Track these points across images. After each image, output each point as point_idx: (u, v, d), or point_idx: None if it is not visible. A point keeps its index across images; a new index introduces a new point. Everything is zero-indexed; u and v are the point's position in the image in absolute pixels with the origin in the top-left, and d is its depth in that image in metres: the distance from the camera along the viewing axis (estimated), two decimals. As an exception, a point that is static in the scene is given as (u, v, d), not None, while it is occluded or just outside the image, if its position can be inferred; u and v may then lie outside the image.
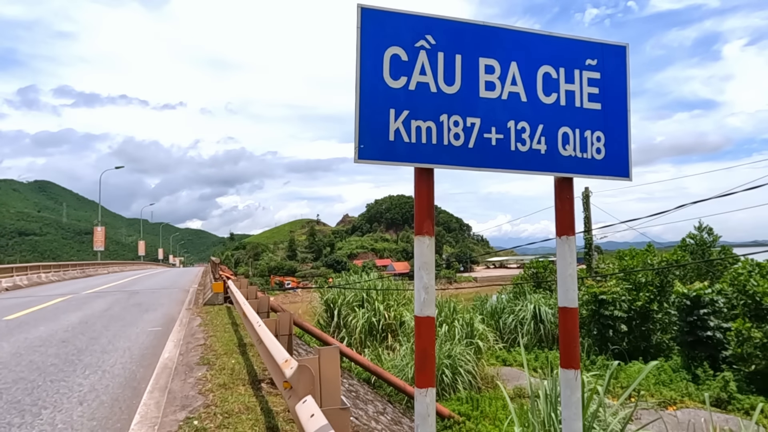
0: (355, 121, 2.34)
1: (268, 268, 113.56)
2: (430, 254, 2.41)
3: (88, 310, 12.80)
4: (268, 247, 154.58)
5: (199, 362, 6.81)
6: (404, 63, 2.42)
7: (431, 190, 2.46)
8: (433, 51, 2.47)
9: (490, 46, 2.56)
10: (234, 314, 11.68)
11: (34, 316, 11.72)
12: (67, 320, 10.99)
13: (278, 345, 4.92)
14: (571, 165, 2.66)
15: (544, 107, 2.63)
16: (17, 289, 22.27)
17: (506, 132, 2.56)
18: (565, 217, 2.67)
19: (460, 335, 14.59)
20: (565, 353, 2.64)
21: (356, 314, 18.39)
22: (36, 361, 7.03)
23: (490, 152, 2.53)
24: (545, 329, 19.72)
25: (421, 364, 2.39)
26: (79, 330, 9.68)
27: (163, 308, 13.26)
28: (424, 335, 2.39)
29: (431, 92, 2.46)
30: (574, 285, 2.62)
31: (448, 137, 2.46)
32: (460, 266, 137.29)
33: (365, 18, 2.38)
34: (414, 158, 2.41)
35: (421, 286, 2.39)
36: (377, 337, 17.95)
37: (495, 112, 2.54)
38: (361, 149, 2.34)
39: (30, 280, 25.93)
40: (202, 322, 10.52)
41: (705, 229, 24.14)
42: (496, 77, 2.56)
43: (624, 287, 18.77)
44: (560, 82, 2.67)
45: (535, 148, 2.60)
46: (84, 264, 39.53)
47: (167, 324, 10.48)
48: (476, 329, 15.21)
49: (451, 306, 16.96)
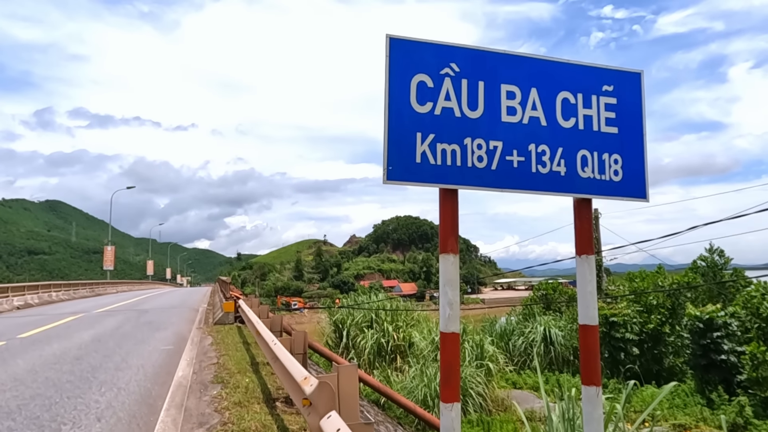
0: (384, 144, 2.46)
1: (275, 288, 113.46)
2: (455, 271, 2.50)
3: (100, 329, 12.89)
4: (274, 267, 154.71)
5: (213, 380, 6.85)
6: (430, 89, 2.56)
7: (455, 209, 2.56)
8: (457, 78, 2.60)
9: (512, 73, 2.69)
10: (245, 333, 11.72)
11: (47, 334, 11.82)
12: (80, 338, 11.08)
13: (296, 363, 4.98)
14: (589, 186, 2.75)
15: (563, 131, 2.74)
16: (28, 308, 22.44)
17: (527, 155, 2.66)
18: (584, 237, 2.76)
19: (471, 357, 14.49)
20: (587, 370, 2.69)
21: (365, 335, 18.33)
22: (52, 378, 7.10)
23: (512, 174, 2.63)
24: (556, 351, 19.49)
25: (446, 378, 2.45)
26: (93, 348, 9.75)
27: (174, 327, 13.33)
28: (449, 350, 2.46)
29: (456, 117, 2.58)
30: (594, 303, 2.69)
31: (472, 159, 2.57)
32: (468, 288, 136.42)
33: (393, 48, 2.52)
34: (439, 179, 2.52)
35: (446, 302, 2.47)
36: (386, 358, 17.85)
37: (516, 135, 2.66)
38: (390, 171, 2.45)
39: (41, 298, 26.12)
40: (213, 341, 10.57)
41: (716, 251, 23.97)
42: (517, 102, 2.69)
43: (635, 309, 18.61)
44: (578, 107, 2.79)
45: (555, 170, 2.70)
46: (93, 283, 39.78)
47: (179, 342, 10.53)
48: (486, 351, 15.11)
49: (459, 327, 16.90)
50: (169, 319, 15.51)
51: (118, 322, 14.34)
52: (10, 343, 10.41)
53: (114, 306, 21.43)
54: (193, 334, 11.82)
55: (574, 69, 2.82)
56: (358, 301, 22.14)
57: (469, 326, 16.85)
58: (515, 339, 21.07)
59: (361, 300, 22.53)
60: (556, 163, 2.71)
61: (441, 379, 2.45)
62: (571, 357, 19.86)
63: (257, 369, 7.63)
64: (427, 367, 14.39)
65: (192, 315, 16.98)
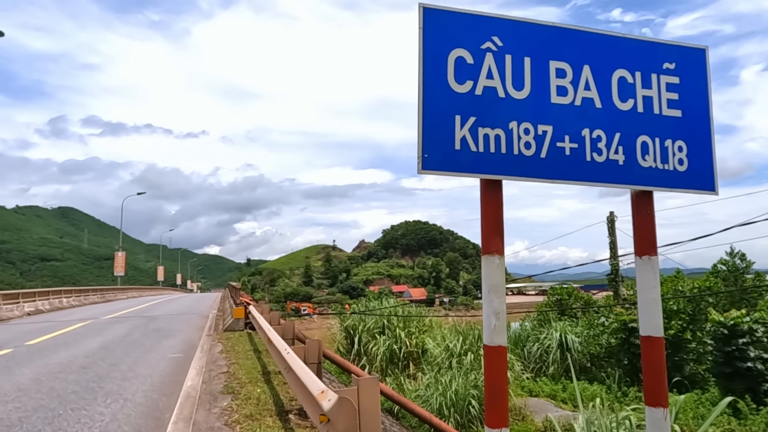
0: (419, 129, 2.14)
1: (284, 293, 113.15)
2: (500, 275, 2.16)
3: (108, 336, 12.66)
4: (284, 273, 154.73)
5: (223, 391, 6.53)
6: (470, 66, 2.23)
7: (500, 203, 2.23)
8: (500, 53, 2.28)
9: (561, 48, 2.37)
10: (256, 340, 11.42)
11: (55, 342, 11.60)
12: (87, 346, 10.84)
13: (311, 375, 4.65)
14: (651, 177, 2.41)
15: (620, 114, 2.40)
16: (39, 314, 22.36)
17: (581, 141, 2.33)
18: (645, 235, 2.41)
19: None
20: (652, 388, 2.33)
21: (377, 341, 17.95)
22: (56, 388, 6.83)
23: (564, 163, 2.30)
24: (572, 358, 18.95)
25: (493, 399, 2.11)
26: (99, 356, 9.50)
27: (183, 334, 13.06)
28: (495, 367, 2.13)
29: (499, 97, 2.26)
30: (659, 311, 2.34)
31: (518, 146, 2.25)
32: (478, 293, 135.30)
33: (428, 19, 2.20)
34: (481, 169, 2.19)
35: (491, 311, 2.14)
36: (398, 365, 17.45)
37: (568, 119, 2.33)
38: (425, 159, 2.13)
39: (51, 304, 26.05)
40: (223, 348, 10.27)
41: (737, 255, 23.33)
42: (567, 81, 2.36)
43: (654, 315, 18.08)
44: (636, 87, 2.45)
45: (612, 158, 2.36)
46: (104, 289, 39.80)
47: (188, 350, 10.25)
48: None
49: (475, 333, 16.45)
50: (179, 325, 15.27)
51: (127, 329, 14.12)
52: (17, 351, 10.20)
53: (123, 312, 21.26)
54: (203, 341, 11.53)
55: (630, 44, 2.48)
56: (370, 306, 21.76)
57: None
58: (530, 345, 20.58)
59: (373, 306, 22.15)
60: (613, 150, 2.37)
61: (486, 400, 2.12)
62: (588, 364, 19.33)
63: (269, 378, 7.31)
64: (441, 374, 13.99)
65: (202, 321, 16.73)
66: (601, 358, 19.44)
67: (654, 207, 2.43)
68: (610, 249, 22.05)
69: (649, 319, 2.34)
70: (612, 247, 21.98)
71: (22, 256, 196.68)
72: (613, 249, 22.18)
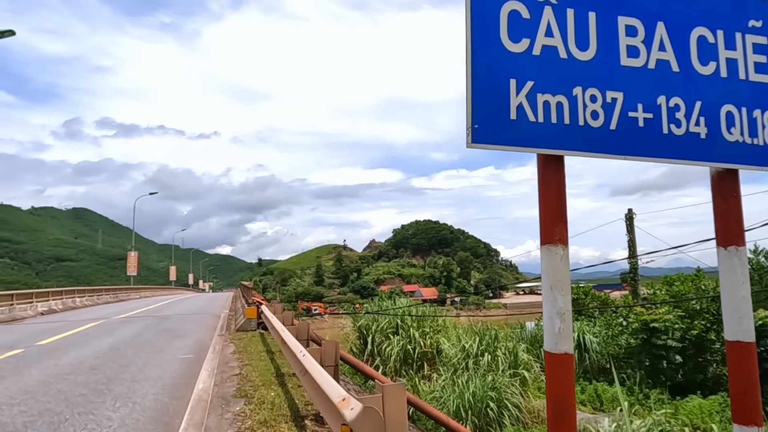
0: (467, 96, 1.80)
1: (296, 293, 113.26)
2: (565, 269, 1.82)
3: (119, 336, 12.48)
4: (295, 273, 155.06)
5: (235, 394, 6.25)
6: (526, 22, 1.89)
7: (562, 183, 1.88)
8: (560, 7, 1.93)
9: (630, 2, 2.01)
10: (268, 341, 11.15)
11: (65, 342, 11.44)
12: (98, 346, 10.65)
13: (330, 379, 4.34)
14: (737, 153, 2.04)
15: (701, 79, 2.04)
16: (52, 314, 22.38)
17: (656, 110, 1.98)
18: (730, 222, 2.04)
19: (504, 365, 13.66)
20: (741, 403, 1.97)
21: (391, 342, 17.62)
22: (64, 391, 6.60)
23: (637, 136, 1.95)
24: (591, 359, 18.47)
25: (558, 415, 1.77)
26: (110, 357, 9.28)
27: (195, 334, 12.84)
28: (560, 378, 1.78)
29: (560, 58, 1.91)
30: (749, 311, 1.97)
31: (583, 116, 1.90)
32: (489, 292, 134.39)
33: (476, -35, 1.86)
34: (541, 142, 1.85)
35: (554, 312, 1.79)
36: (413, 365, 17.11)
37: (641, 84, 1.97)
38: (475, 130, 1.79)
39: (65, 304, 26.11)
40: (235, 349, 10.01)
41: (762, 253, 22.57)
42: (639, 41, 2.00)
43: (676, 315, 17.51)
44: (719, 48, 2.08)
45: (692, 131, 2.00)
46: (116, 289, 39.96)
47: (199, 351, 10.00)
48: (520, 359, 14.25)
49: (492, 333, 16.04)
50: (190, 326, 15.07)
51: (138, 329, 13.94)
52: (28, 352, 10.03)
53: (135, 312, 21.17)
54: (215, 341, 11.29)
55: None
56: (382, 306, 21.43)
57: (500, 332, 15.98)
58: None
59: (386, 305, 21.81)
60: (694, 121, 2.01)
61: (550, 416, 1.77)
62: (607, 365, 18.81)
63: (283, 381, 7.01)
64: (458, 376, 13.62)
65: (213, 321, 16.53)
66: (620, 359, 18.93)
67: (740, 188, 2.06)
68: (629, 247, 21.49)
69: (737, 321, 1.97)
70: (630, 245, 21.42)
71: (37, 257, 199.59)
72: (632, 247, 21.62)
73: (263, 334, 12.28)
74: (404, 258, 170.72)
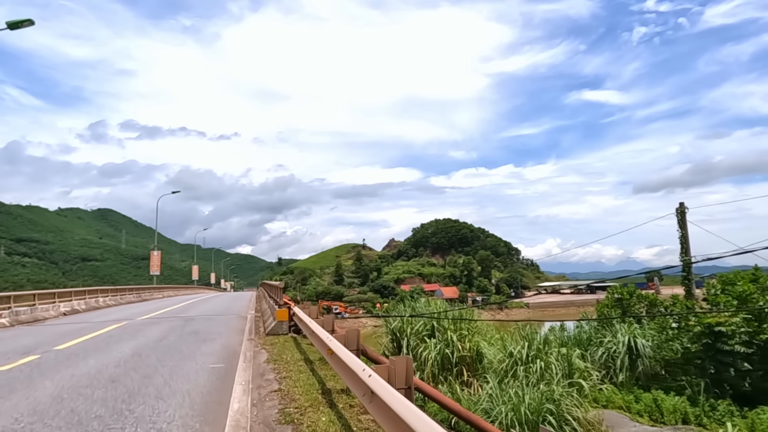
0: None
1: (316, 292, 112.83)
2: None
3: (142, 339, 11.61)
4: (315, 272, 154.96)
5: (279, 419, 5.17)
6: None
7: None
8: None
9: None
10: (304, 347, 10.13)
11: (85, 346, 10.59)
12: (119, 352, 9.74)
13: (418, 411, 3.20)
14: None
15: None
16: (75, 314, 21.85)
17: None
18: None
19: (560, 374, 12.33)
20: None
21: (427, 345, 16.44)
22: (78, 411, 5.61)
23: None
24: (644, 365, 16.98)
25: None
26: (132, 364, 8.34)
27: (222, 338, 11.89)
28: None
29: None
30: None
31: None
32: (511, 291, 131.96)
33: None
34: None
35: None
36: (452, 371, 15.92)
37: None
38: None
39: (87, 304, 25.62)
40: (269, 357, 8.99)
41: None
42: None
43: (741, 317, 15.96)
44: None
45: None
46: (140, 288, 39.66)
47: (230, 358, 9.00)
48: (576, 366, 12.92)
49: (540, 338, 14.73)
50: (216, 328, 14.15)
51: (162, 332, 13.08)
52: (44, 357, 9.18)
53: (158, 313, 20.45)
54: (245, 347, 10.30)
55: None
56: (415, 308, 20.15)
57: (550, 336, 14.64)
58: (593, 350, 18.65)
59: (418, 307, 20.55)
60: None
61: None
62: (661, 371, 17.30)
63: (331, 400, 5.92)
64: (508, 385, 12.36)
65: (240, 323, 15.60)
66: (676, 365, 17.41)
67: None
68: (681, 244, 19.89)
69: None
70: (683, 241, 19.82)
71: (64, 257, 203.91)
72: (684, 244, 20.01)
73: (296, 339, 11.26)
74: (424, 257, 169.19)
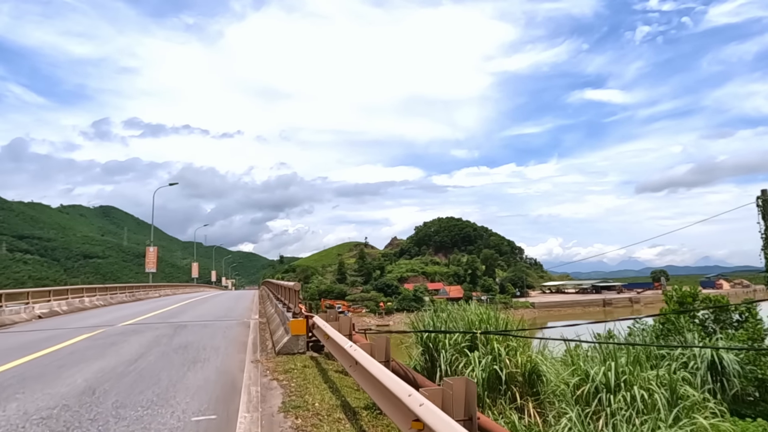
0: None
1: (318, 291, 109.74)
2: None
3: (112, 359, 8.64)
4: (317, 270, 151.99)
5: None
6: None
7: None
8: None
9: None
10: (331, 375, 7.12)
11: (24, 372, 7.60)
12: (66, 385, 6.73)
13: None
14: None
15: None
16: (53, 317, 18.90)
17: None
18: None
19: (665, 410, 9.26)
20: None
21: (469, 359, 13.41)
22: None
23: None
24: (734, 386, 13.85)
25: None
26: (69, 417, 5.34)
27: (218, 357, 8.88)
28: None
29: None
30: None
31: None
32: (516, 291, 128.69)
33: None
34: None
35: None
36: (503, 393, 12.93)
37: None
38: None
39: (71, 305, 22.62)
40: (285, 397, 5.96)
41: None
42: None
43: None
44: None
45: None
46: (135, 287, 36.71)
47: (225, 400, 5.98)
48: (683, 395, 9.91)
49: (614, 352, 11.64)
50: (212, 340, 11.15)
51: (142, 346, 10.09)
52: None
53: (147, 317, 17.44)
54: (248, 375, 7.28)
55: None
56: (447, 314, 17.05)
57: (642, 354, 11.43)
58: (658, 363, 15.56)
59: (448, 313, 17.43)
60: None
61: None
62: (756, 393, 14.28)
63: None
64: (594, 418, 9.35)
65: (242, 333, 12.60)
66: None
67: None
68: (763, 238, 16.84)
69: None
70: (766, 236, 16.76)
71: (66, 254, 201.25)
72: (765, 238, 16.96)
73: (318, 361, 8.25)
74: (427, 255, 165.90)
